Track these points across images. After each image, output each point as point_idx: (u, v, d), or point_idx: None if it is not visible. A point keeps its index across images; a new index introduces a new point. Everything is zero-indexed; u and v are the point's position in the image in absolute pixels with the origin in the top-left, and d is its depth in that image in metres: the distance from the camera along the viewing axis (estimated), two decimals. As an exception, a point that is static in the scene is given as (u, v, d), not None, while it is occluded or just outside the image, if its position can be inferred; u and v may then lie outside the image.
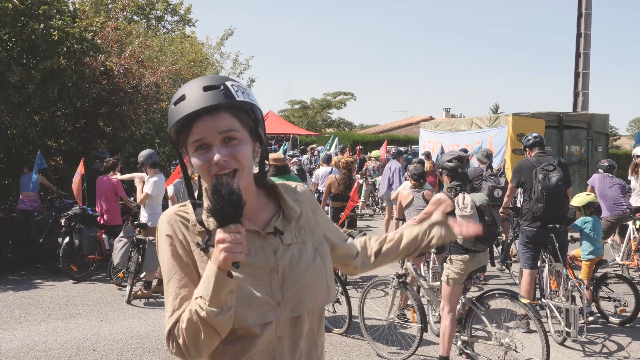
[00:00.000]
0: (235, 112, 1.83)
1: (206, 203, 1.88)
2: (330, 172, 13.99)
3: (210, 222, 1.85)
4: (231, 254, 1.62)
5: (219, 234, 1.63)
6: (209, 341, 1.73)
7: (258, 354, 1.86)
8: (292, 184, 2.14)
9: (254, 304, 1.80)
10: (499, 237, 10.79)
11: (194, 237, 1.88)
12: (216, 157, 1.77)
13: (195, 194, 1.94)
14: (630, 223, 9.94)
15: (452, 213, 5.88)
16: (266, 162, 2.03)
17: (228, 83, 1.83)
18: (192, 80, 1.87)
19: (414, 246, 2.33)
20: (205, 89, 1.79)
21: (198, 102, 1.78)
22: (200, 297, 1.69)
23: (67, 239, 9.96)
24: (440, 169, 6.24)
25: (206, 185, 1.90)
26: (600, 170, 10.48)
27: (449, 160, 6.09)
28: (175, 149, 1.92)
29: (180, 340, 1.75)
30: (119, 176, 10.12)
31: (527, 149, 7.77)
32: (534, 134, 7.79)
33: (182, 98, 1.81)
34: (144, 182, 9.06)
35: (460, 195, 5.87)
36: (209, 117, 1.78)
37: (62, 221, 10.09)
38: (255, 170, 2.00)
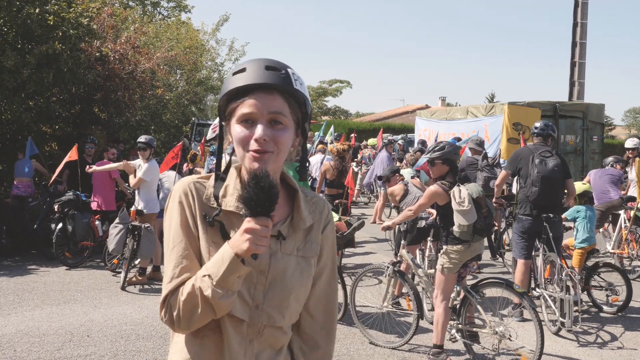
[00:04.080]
0: (288, 98, 1.83)
1: (227, 182, 1.90)
2: (323, 160, 13.99)
3: (228, 202, 1.86)
4: (255, 246, 1.64)
5: (248, 223, 1.65)
6: (204, 318, 1.75)
7: (232, 349, 1.84)
8: (317, 196, 2.09)
9: None
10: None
11: (205, 209, 1.87)
12: (259, 133, 1.76)
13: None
14: (621, 212, 10.01)
15: (446, 205, 5.90)
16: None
17: (289, 70, 1.85)
18: (256, 58, 1.88)
19: None
20: (267, 68, 1.81)
21: (257, 77, 1.79)
22: (208, 275, 1.70)
23: (60, 225, 9.94)
24: (434, 159, 6.16)
25: (236, 165, 1.91)
26: (608, 166, 10.68)
27: (442, 148, 6.08)
28: (219, 118, 1.93)
29: (175, 312, 1.76)
30: (95, 167, 9.82)
31: (531, 136, 7.84)
32: (538, 125, 7.76)
33: (243, 70, 1.82)
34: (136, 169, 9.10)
35: (455, 188, 5.81)
36: (263, 94, 1.79)
37: (55, 207, 10.07)
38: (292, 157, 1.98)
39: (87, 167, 9.94)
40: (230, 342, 1.82)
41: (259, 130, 1.76)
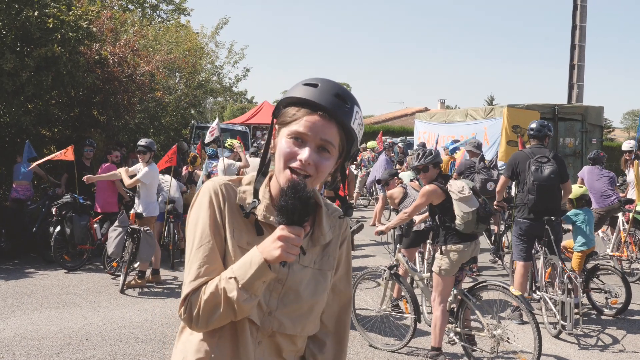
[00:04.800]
0: (341, 132, 1.84)
1: (261, 192, 1.92)
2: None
3: (257, 210, 1.88)
4: (286, 254, 1.66)
5: (282, 231, 1.67)
6: (223, 319, 1.77)
7: (242, 348, 1.86)
8: (338, 210, 2.13)
9: None
10: (492, 229, 10.82)
11: (234, 211, 1.89)
12: (305, 156, 1.78)
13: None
14: (620, 215, 10.01)
15: (442, 204, 5.92)
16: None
17: (355, 107, 1.85)
18: (329, 79, 1.88)
19: None
20: (337, 96, 1.81)
21: (324, 99, 1.79)
22: (234, 278, 1.72)
23: (58, 228, 9.94)
24: (427, 164, 6.19)
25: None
26: (590, 162, 10.64)
27: (430, 154, 6.15)
28: (273, 116, 1.93)
29: (195, 310, 1.78)
30: (92, 176, 9.81)
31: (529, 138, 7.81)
32: (533, 126, 7.71)
33: (315, 85, 1.83)
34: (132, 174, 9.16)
35: (450, 181, 5.99)
36: (322, 118, 1.80)
37: (53, 210, 10.07)
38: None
39: (84, 177, 9.89)
40: (245, 343, 1.86)
41: (305, 153, 1.78)
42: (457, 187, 5.86)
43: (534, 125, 7.68)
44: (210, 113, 30.43)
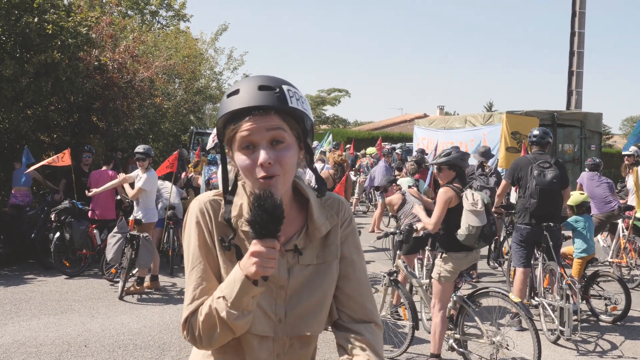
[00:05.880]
0: (286, 117, 1.78)
1: (239, 201, 1.89)
2: (323, 168, 14.02)
3: (244, 222, 1.83)
4: (262, 269, 1.64)
5: (255, 246, 1.64)
6: (224, 337, 1.77)
7: None
8: (333, 196, 2.06)
9: (255, 314, 1.79)
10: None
11: (221, 228, 1.87)
12: (262, 157, 1.73)
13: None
14: (620, 221, 10.01)
15: (453, 209, 5.86)
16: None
17: (284, 87, 1.79)
18: (249, 77, 1.84)
19: None
20: (261, 88, 1.76)
21: (250, 99, 1.75)
22: (223, 297, 1.71)
23: (57, 234, 9.94)
24: (440, 165, 6.08)
25: (243, 182, 1.89)
26: (587, 169, 10.65)
27: (448, 154, 6.02)
28: (219, 141, 1.89)
29: (196, 332, 1.78)
30: (95, 190, 9.84)
31: (529, 144, 7.82)
32: (536, 133, 7.71)
33: (236, 92, 1.78)
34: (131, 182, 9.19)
35: (468, 191, 5.85)
36: (259, 116, 1.74)
37: (52, 216, 10.06)
38: (296, 173, 1.93)
39: (87, 192, 9.95)
40: (252, 356, 1.86)
41: (262, 155, 1.73)
42: (472, 199, 5.73)
43: (536, 132, 7.68)
44: (209, 119, 30.46)
